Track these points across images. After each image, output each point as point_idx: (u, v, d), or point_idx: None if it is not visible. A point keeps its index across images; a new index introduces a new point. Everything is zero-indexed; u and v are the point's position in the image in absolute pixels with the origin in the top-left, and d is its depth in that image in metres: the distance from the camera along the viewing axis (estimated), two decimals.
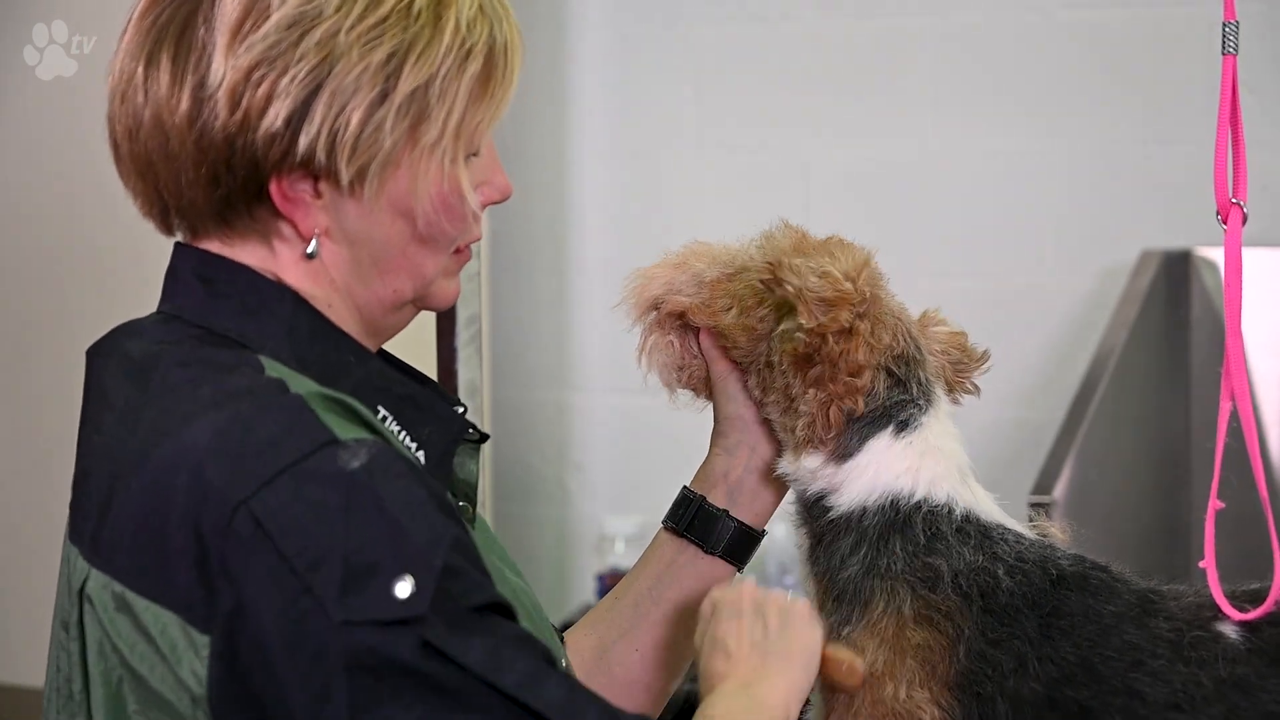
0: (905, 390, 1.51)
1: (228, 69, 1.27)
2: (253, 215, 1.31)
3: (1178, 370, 3.07)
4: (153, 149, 1.31)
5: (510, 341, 3.63)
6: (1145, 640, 1.43)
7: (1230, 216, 1.53)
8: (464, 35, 1.30)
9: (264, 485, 1.19)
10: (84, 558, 1.28)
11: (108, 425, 1.30)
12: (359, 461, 1.20)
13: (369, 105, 1.27)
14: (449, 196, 1.32)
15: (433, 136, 1.29)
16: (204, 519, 1.20)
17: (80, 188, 3.17)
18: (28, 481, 3.31)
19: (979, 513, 1.50)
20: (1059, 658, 1.42)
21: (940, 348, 1.58)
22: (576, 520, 3.67)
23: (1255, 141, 1.63)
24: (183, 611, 1.21)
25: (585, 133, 3.57)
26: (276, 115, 1.26)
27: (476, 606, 1.20)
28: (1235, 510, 1.55)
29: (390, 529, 1.19)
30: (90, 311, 3.24)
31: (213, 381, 1.26)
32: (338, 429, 1.22)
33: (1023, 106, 3.30)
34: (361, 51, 1.27)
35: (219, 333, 1.31)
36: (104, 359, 1.36)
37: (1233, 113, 1.52)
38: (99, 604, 1.26)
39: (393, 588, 1.17)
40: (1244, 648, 1.42)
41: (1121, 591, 1.46)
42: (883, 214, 3.40)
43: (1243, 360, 1.50)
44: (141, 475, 1.24)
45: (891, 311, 1.52)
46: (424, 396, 1.36)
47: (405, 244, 1.33)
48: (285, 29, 1.26)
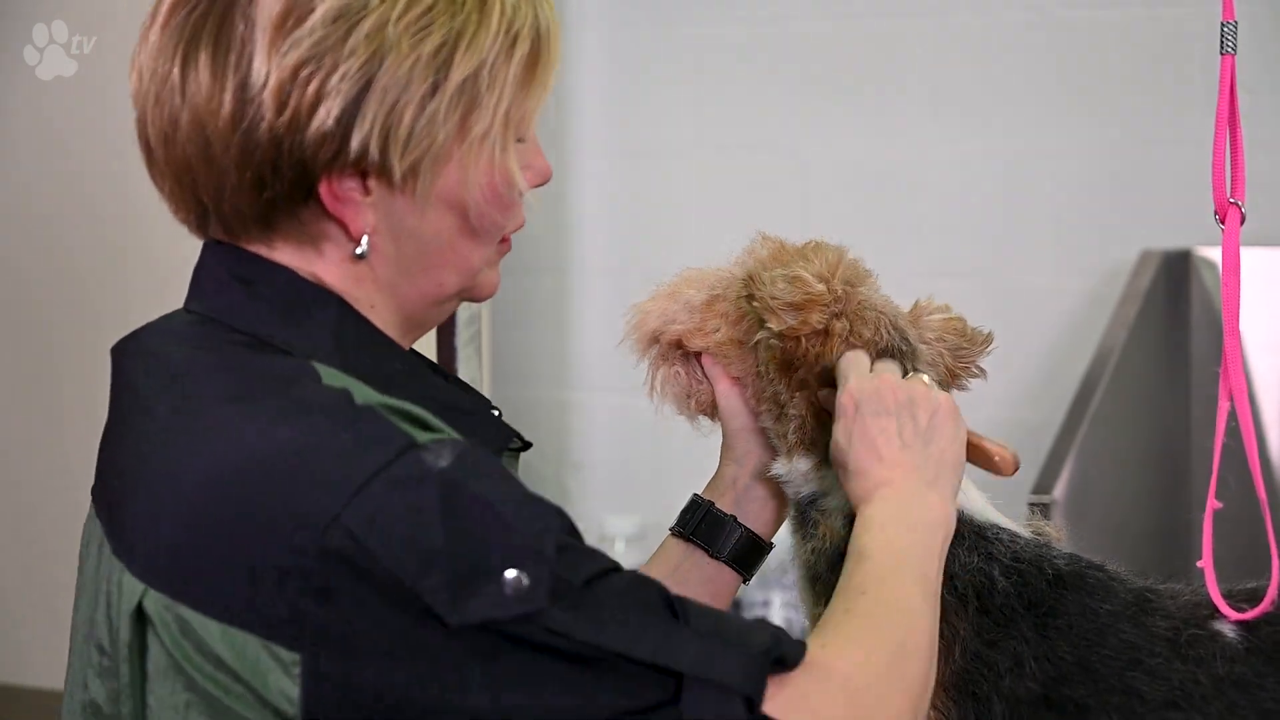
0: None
1: (272, 68, 1.22)
2: (298, 217, 1.27)
3: (1178, 370, 3.07)
4: (192, 153, 1.26)
5: (510, 341, 3.63)
6: (1142, 639, 1.43)
7: (1228, 216, 1.53)
8: (510, 20, 1.26)
9: (353, 497, 1.14)
10: (136, 576, 1.22)
11: (150, 434, 1.25)
12: (445, 460, 1.16)
13: (421, 98, 1.23)
14: (499, 185, 1.29)
15: (484, 126, 1.26)
16: (289, 538, 1.15)
17: (81, 187, 3.17)
18: (34, 483, 3.31)
19: (972, 512, 1.49)
20: (1056, 657, 1.42)
21: (935, 335, 1.57)
22: (576, 520, 3.65)
23: (1255, 141, 1.63)
24: (263, 631, 1.16)
25: (585, 133, 3.57)
26: (328, 114, 1.22)
27: (590, 578, 1.18)
28: (1234, 510, 1.55)
29: (494, 524, 1.15)
30: (94, 310, 3.24)
31: (276, 393, 1.21)
32: (415, 433, 1.18)
33: (1022, 106, 3.30)
34: (412, 43, 1.22)
35: (264, 339, 1.27)
36: (135, 360, 1.32)
37: (1231, 113, 1.52)
38: (161, 625, 1.21)
39: (505, 585, 1.14)
40: (1241, 646, 1.42)
41: (1118, 590, 1.46)
42: (882, 214, 3.40)
43: (1240, 360, 1.50)
44: (207, 492, 1.19)
45: (874, 306, 1.51)
46: (469, 403, 1.34)
47: (453, 237, 1.30)
48: (331, 23, 1.22)
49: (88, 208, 3.17)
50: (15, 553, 3.29)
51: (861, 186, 3.42)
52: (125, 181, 2.99)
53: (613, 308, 3.64)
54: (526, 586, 1.14)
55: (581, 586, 1.17)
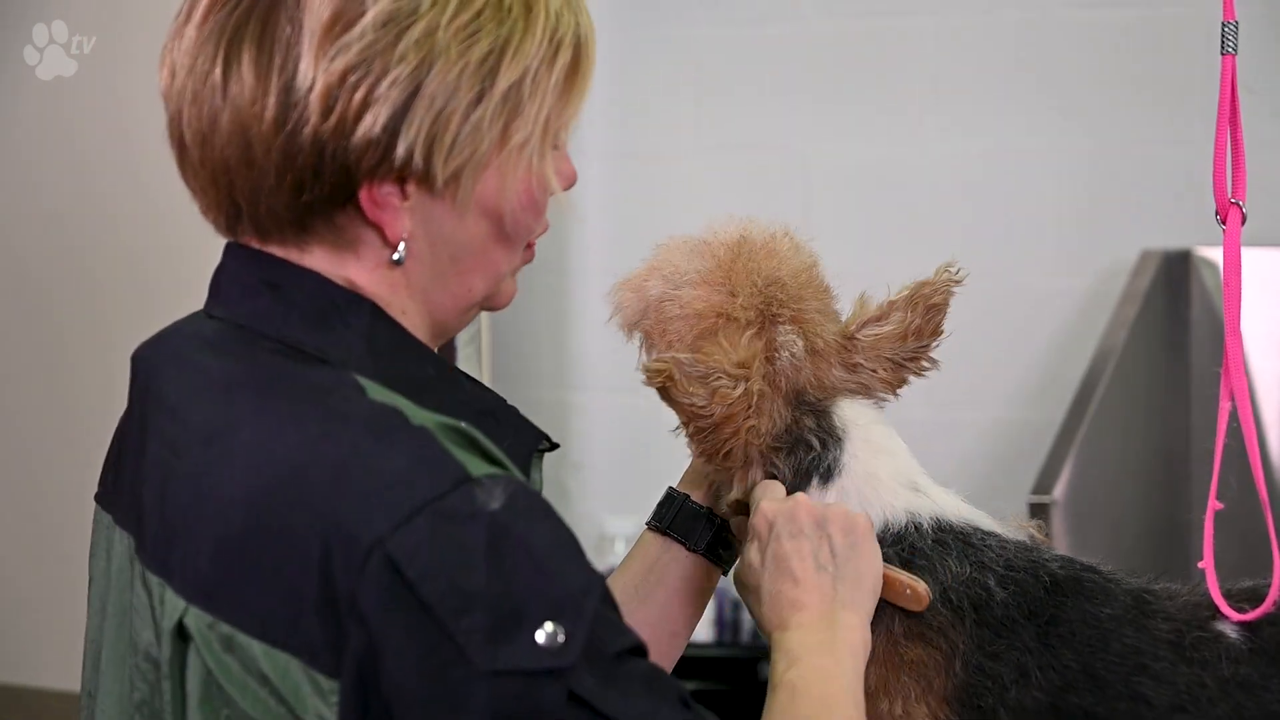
0: (808, 448, 1.48)
1: (319, 72, 1.19)
2: (335, 222, 1.24)
3: (1178, 370, 3.07)
4: (231, 154, 1.23)
5: (510, 341, 3.63)
6: (1146, 643, 1.42)
7: (1229, 216, 1.53)
8: (554, 28, 1.25)
9: (400, 525, 1.11)
10: (177, 592, 1.20)
11: (182, 444, 1.23)
12: (498, 502, 1.13)
13: (467, 105, 1.21)
14: (535, 192, 1.28)
15: (524, 134, 1.25)
16: (333, 560, 1.12)
17: (81, 187, 3.17)
18: (42, 484, 3.31)
19: (948, 517, 1.47)
20: (1061, 665, 1.41)
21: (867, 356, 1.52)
22: (576, 520, 3.67)
23: (1256, 141, 1.63)
24: (305, 655, 1.14)
25: (585, 133, 3.57)
26: (375, 121, 1.19)
27: (620, 652, 1.15)
28: (1236, 510, 1.55)
29: (538, 574, 1.13)
30: (96, 308, 3.24)
31: (317, 405, 1.19)
32: (470, 463, 1.15)
33: (1022, 106, 3.30)
34: (460, 49, 1.21)
35: (294, 346, 1.24)
36: (161, 366, 1.29)
37: (1232, 113, 1.52)
38: (203, 644, 1.18)
39: (540, 636, 1.11)
40: (1245, 647, 1.41)
41: (1116, 593, 1.45)
42: (882, 213, 3.40)
43: (1241, 360, 1.50)
44: (248, 508, 1.16)
45: (771, 379, 1.48)
46: (502, 408, 1.32)
47: (486, 243, 1.28)
48: (381, 28, 1.19)
49: (88, 208, 3.17)
50: (22, 554, 3.29)
51: (861, 186, 3.42)
52: (128, 181, 2.99)
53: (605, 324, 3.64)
54: (561, 642, 1.12)
55: (613, 658, 1.14)
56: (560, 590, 1.13)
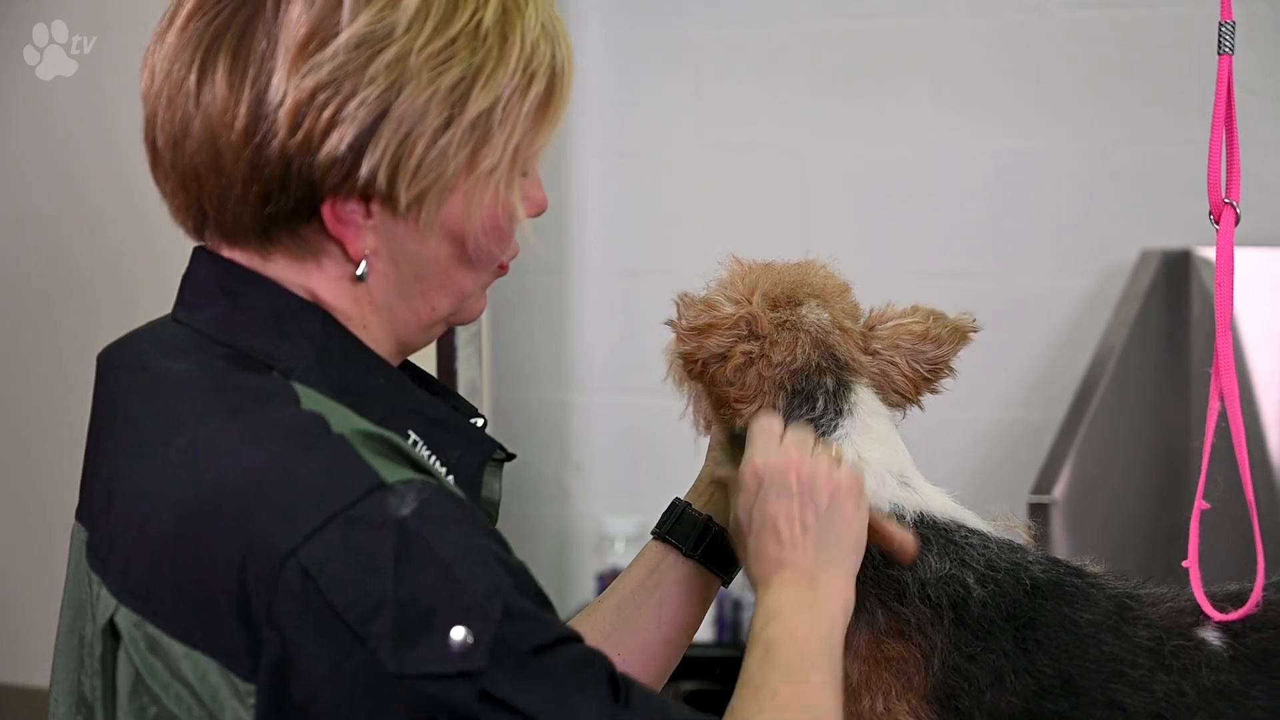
0: (810, 406, 1.49)
1: (290, 88, 1.21)
2: (299, 234, 1.26)
3: (1178, 370, 3.07)
4: (200, 162, 1.25)
5: (510, 341, 3.63)
6: (1124, 650, 1.41)
7: (1223, 216, 1.53)
8: (528, 58, 1.27)
9: (312, 535, 1.14)
10: (110, 591, 1.23)
11: (132, 447, 1.26)
12: (409, 508, 1.16)
13: (435, 131, 1.23)
14: (500, 218, 1.29)
15: (493, 161, 1.26)
16: (249, 568, 1.15)
17: (81, 187, 3.17)
18: (37, 483, 3.32)
19: (933, 512, 1.48)
20: (1036, 670, 1.41)
21: (885, 344, 1.54)
22: (576, 520, 3.67)
23: (1254, 141, 1.63)
24: (224, 659, 1.16)
25: (585, 133, 3.57)
26: (341, 140, 1.21)
27: (538, 647, 1.17)
28: (1232, 510, 1.55)
29: (444, 578, 1.14)
30: (95, 310, 3.24)
31: (250, 413, 1.21)
32: (384, 471, 1.17)
33: (1022, 106, 3.30)
34: (431, 75, 1.22)
35: (245, 352, 1.26)
36: (121, 370, 1.31)
37: (1228, 113, 1.52)
38: (130, 643, 1.21)
39: (449, 640, 1.13)
40: (1227, 654, 1.41)
41: (1097, 598, 1.45)
42: (882, 214, 3.40)
43: (1232, 360, 1.50)
44: (176, 513, 1.19)
45: (799, 325, 1.51)
46: (453, 419, 1.33)
47: (449, 264, 1.30)
48: (354, 49, 1.21)
49: (88, 208, 3.17)
50: (18, 553, 3.29)
51: (861, 186, 3.42)
52: (126, 181, 2.99)
53: (613, 308, 3.65)
54: (469, 645, 1.14)
55: (528, 654, 1.16)
56: (467, 594, 1.15)
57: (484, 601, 1.15)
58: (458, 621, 1.14)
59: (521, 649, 1.16)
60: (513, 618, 1.16)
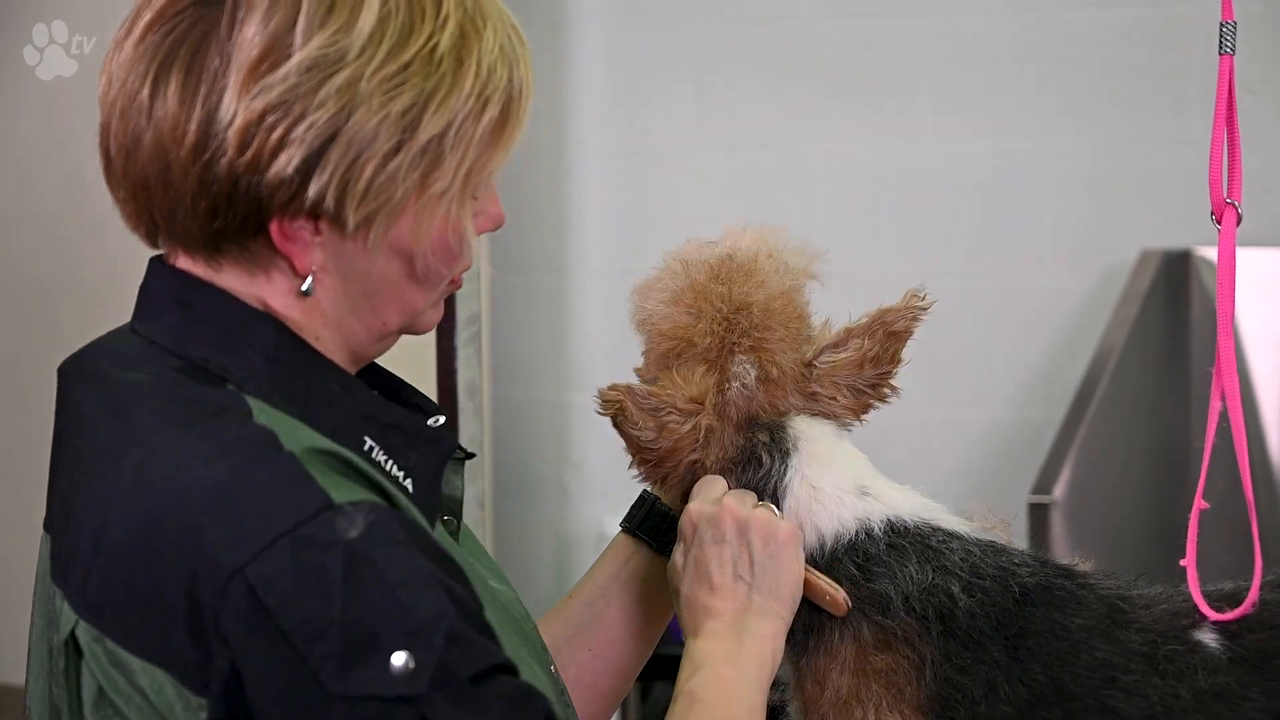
0: (758, 467, 1.48)
1: (240, 108, 1.21)
2: (247, 248, 1.26)
3: (1178, 370, 3.07)
4: (150, 174, 1.26)
5: (510, 341, 3.63)
6: (1117, 656, 1.40)
7: (1224, 217, 1.52)
8: (484, 82, 1.26)
9: (260, 553, 1.15)
10: (70, 605, 1.24)
11: (89, 460, 1.26)
12: (357, 530, 1.16)
13: (384, 155, 1.23)
14: (449, 238, 1.29)
15: (443, 185, 1.26)
16: (198, 583, 1.16)
17: (81, 188, 3.17)
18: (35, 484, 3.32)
19: (904, 517, 1.47)
20: (1029, 679, 1.40)
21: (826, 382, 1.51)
22: (576, 520, 3.67)
23: (1255, 141, 1.63)
24: (177, 672, 1.18)
25: (585, 133, 3.57)
26: (288, 162, 1.21)
27: (477, 674, 1.17)
28: (1232, 510, 1.54)
29: (390, 602, 1.15)
30: (96, 310, 3.24)
31: (202, 427, 1.22)
32: (334, 490, 1.18)
33: (1022, 106, 3.30)
34: (382, 100, 1.22)
35: (198, 364, 1.27)
36: (79, 382, 1.32)
37: (1229, 113, 1.51)
38: (91, 657, 1.22)
39: (392, 663, 1.14)
40: (1225, 657, 1.40)
41: (1088, 601, 1.44)
42: (882, 214, 3.40)
43: (1234, 359, 1.49)
44: (129, 527, 1.20)
45: (721, 411, 1.49)
46: (410, 422, 1.32)
47: (399, 281, 1.29)
48: (305, 72, 1.21)
49: (89, 208, 3.17)
50: (16, 554, 3.29)
51: (861, 186, 3.42)
52: None
53: (613, 308, 3.64)
54: (411, 670, 1.14)
55: (467, 681, 1.17)
56: (412, 619, 1.15)
57: (428, 627, 1.16)
58: (401, 646, 1.15)
59: (462, 676, 1.16)
60: (456, 644, 1.16)
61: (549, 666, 1.42)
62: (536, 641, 1.43)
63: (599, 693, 1.58)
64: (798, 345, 1.51)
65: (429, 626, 1.16)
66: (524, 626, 1.42)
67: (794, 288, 1.54)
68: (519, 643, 1.35)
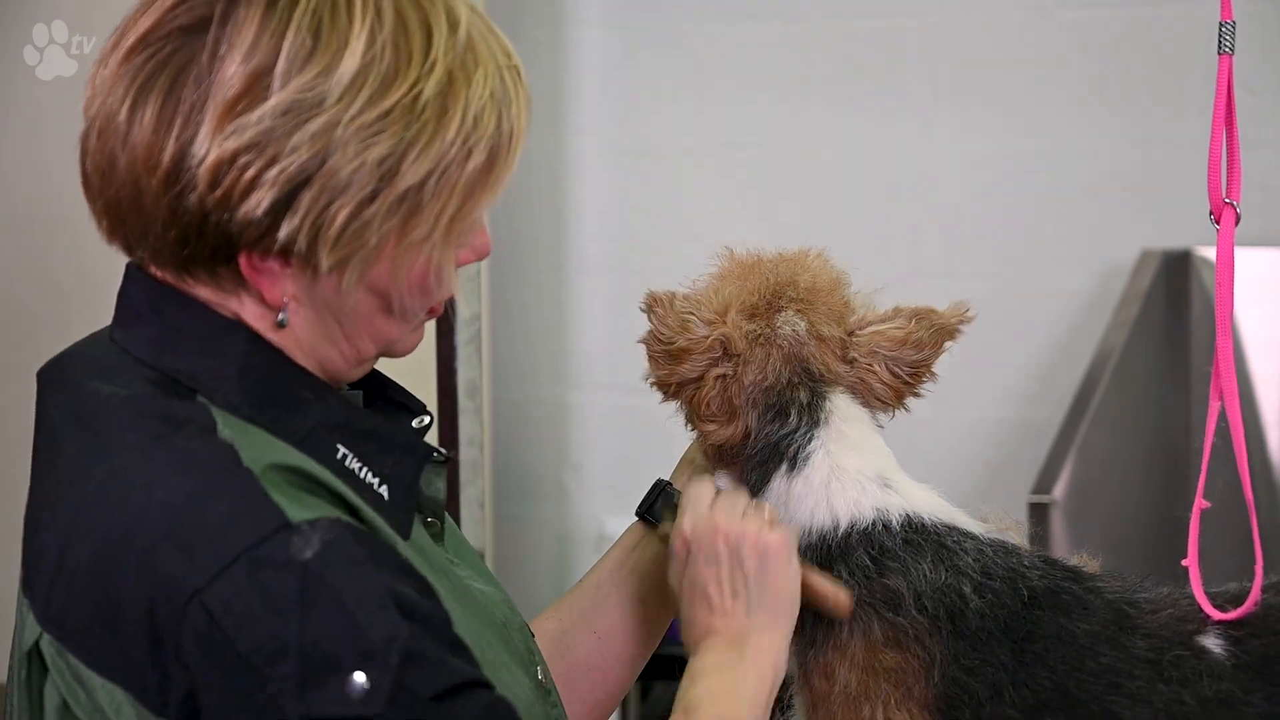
0: (784, 421, 1.48)
1: (213, 146, 1.19)
2: (217, 274, 1.25)
3: (1178, 370, 3.07)
4: (123, 196, 1.24)
5: (510, 341, 3.63)
6: (1122, 662, 1.40)
7: (1223, 216, 1.52)
8: (469, 130, 1.23)
9: (217, 576, 1.15)
10: (36, 618, 1.23)
11: (59, 471, 1.26)
12: (312, 550, 1.16)
13: (359, 203, 1.20)
14: (427, 279, 1.27)
15: (424, 232, 1.23)
16: (157, 605, 1.16)
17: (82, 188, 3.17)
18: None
19: (921, 515, 1.46)
20: (1035, 684, 1.40)
21: (864, 351, 1.51)
22: (576, 520, 3.67)
23: (1255, 141, 1.63)
24: (136, 691, 1.18)
25: (585, 133, 3.57)
26: (258, 204, 1.19)
27: (439, 693, 1.17)
28: (1233, 510, 1.54)
29: (346, 623, 1.15)
30: (96, 310, 3.23)
31: (165, 442, 1.21)
32: (292, 508, 1.18)
33: (1022, 106, 3.30)
34: (359, 148, 1.20)
35: (170, 374, 1.26)
36: (54, 391, 1.32)
37: (1228, 113, 1.51)
38: (55, 670, 1.22)
39: (349, 684, 1.14)
40: (1229, 663, 1.40)
41: (1095, 605, 1.44)
42: (882, 214, 3.40)
43: (1232, 360, 1.49)
44: (92, 544, 1.20)
45: (772, 339, 1.49)
46: (384, 429, 1.31)
47: (373, 314, 1.28)
48: (281, 115, 1.19)
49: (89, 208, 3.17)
50: (15, 554, 3.29)
51: (861, 186, 3.42)
52: None
53: (613, 308, 3.65)
54: (368, 691, 1.14)
55: (428, 700, 1.17)
56: (367, 640, 1.15)
57: (382, 647, 1.15)
58: (358, 666, 1.15)
59: (421, 696, 1.16)
60: (413, 664, 1.16)
61: (534, 669, 1.42)
62: (520, 644, 1.42)
63: (609, 678, 1.58)
64: (842, 320, 1.52)
65: (383, 647, 1.15)
66: (507, 630, 1.41)
67: (841, 279, 1.55)
68: (500, 647, 1.35)
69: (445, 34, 1.23)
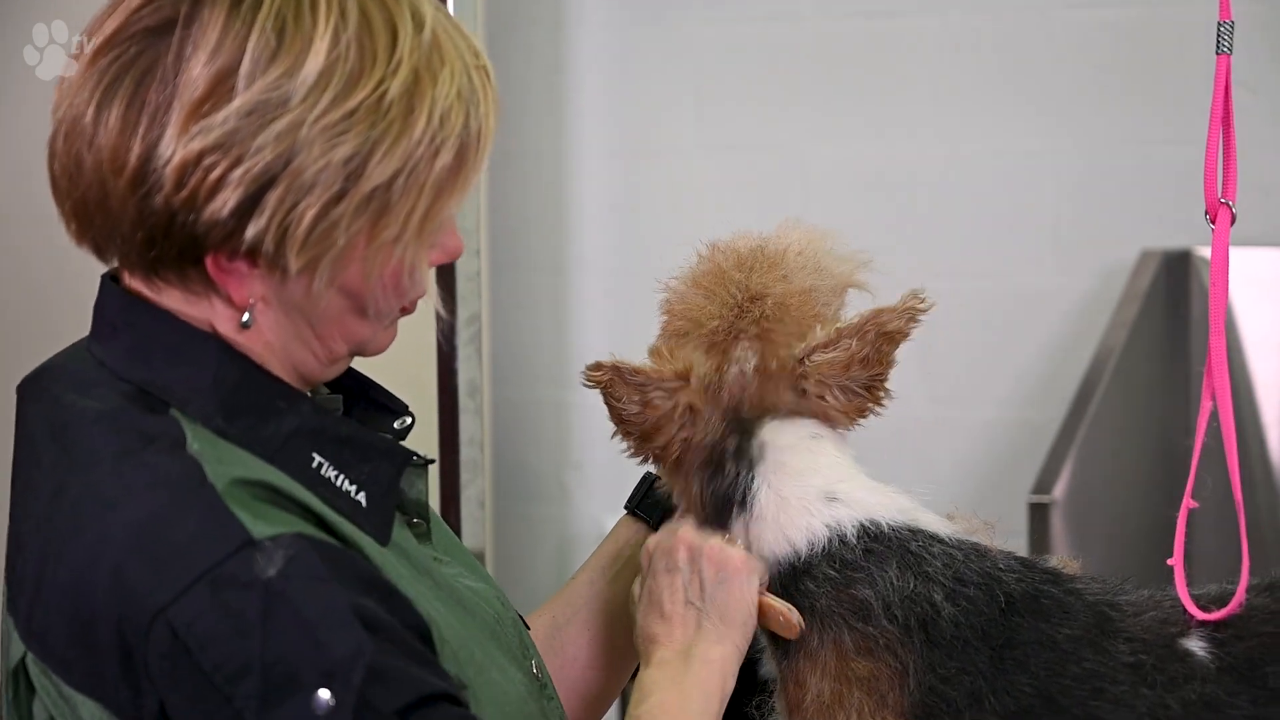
0: (722, 474, 1.47)
1: (179, 147, 1.19)
2: (185, 275, 1.25)
3: (1178, 370, 3.07)
4: (90, 199, 1.25)
5: (510, 341, 3.63)
6: (1105, 666, 1.39)
7: (1218, 216, 1.52)
8: (435, 129, 1.22)
9: (180, 594, 1.16)
10: (20, 636, 1.24)
11: (36, 487, 1.27)
12: (275, 567, 1.16)
13: (325, 203, 1.20)
14: (400, 278, 1.27)
15: (394, 232, 1.23)
16: (125, 622, 1.17)
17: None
18: None
19: (878, 521, 1.44)
20: (1015, 690, 1.39)
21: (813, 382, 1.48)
22: (576, 519, 3.67)
23: (1255, 141, 1.63)
24: (112, 707, 1.19)
25: (585, 133, 3.57)
26: (224, 204, 1.19)
27: (404, 707, 1.17)
28: (1227, 510, 1.54)
29: (309, 640, 1.16)
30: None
31: (134, 459, 1.22)
32: (255, 524, 1.18)
33: (1023, 106, 3.30)
34: (324, 147, 1.19)
35: (142, 387, 1.26)
36: (34, 404, 1.32)
37: (1225, 112, 1.51)
38: (41, 688, 1.23)
39: (314, 701, 1.15)
40: (1213, 666, 1.39)
41: (1076, 610, 1.42)
42: (882, 214, 3.40)
43: (1225, 359, 1.49)
44: (67, 563, 1.20)
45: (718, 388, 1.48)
46: (360, 436, 1.31)
47: (344, 315, 1.28)
48: (245, 116, 1.19)
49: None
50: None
51: (861, 186, 3.42)
52: None
53: (612, 307, 3.65)
54: (332, 708, 1.15)
55: (391, 715, 1.17)
56: (329, 657, 1.15)
57: (346, 664, 1.16)
58: (321, 684, 1.15)
59: (385, 711, 1.16)
60: (377, 680, 1.16)
61: (528, 663, 1.42)
62: (513, 639, 1.42)
63: (600, 674, 1.58)
64: (801, 342, 1.49)
65: (346, 664, 1.16)
66: (499, 626, 1.40)
67: (817, 288, 1.52)
68: (491, 644, 1.35)
69: (410, 33, 1.23)
